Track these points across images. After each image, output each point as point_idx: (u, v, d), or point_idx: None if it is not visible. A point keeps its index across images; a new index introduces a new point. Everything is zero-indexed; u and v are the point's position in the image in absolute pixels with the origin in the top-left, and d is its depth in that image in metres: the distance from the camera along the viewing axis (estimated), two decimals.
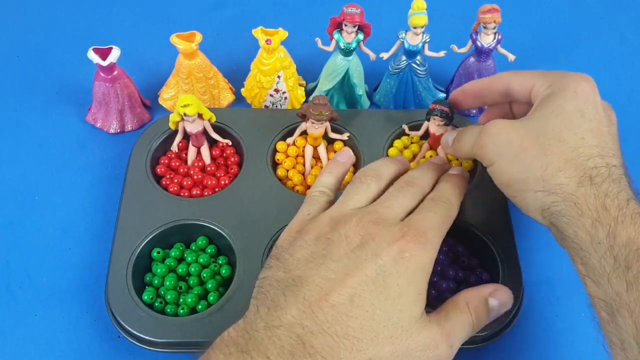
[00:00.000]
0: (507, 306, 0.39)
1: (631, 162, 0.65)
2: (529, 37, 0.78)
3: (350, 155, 0.49)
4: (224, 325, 0.49)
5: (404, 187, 0.42)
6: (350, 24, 0.60)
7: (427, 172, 0.46)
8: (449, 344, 0.34)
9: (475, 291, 0.38)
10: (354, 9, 0.59)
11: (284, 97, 0.67)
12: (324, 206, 0.43)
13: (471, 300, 0.37)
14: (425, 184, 0.44)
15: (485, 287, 0.38)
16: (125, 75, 0.64)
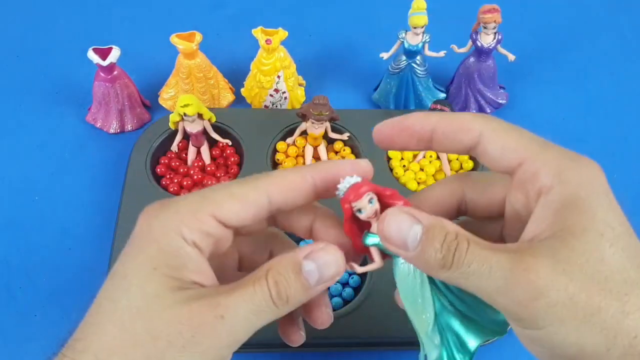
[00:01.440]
0: (334, 268, 0.28)
1: (631, 161, 0.65)
2: (529, 37, 0.78)
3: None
4: None
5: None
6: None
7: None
8: (215, 314, 0.26)
9: (287, 255, 0.28)
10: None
11: (284, 97, 0.67)
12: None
13: (275, 266, 0.28)
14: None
15: (302, 249, 0.28)
16: (125, 75, 0.64)
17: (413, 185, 0.59)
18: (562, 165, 0.28)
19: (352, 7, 0.82)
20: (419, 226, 0.27)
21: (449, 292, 0.30)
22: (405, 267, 0.29)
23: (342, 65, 0.74)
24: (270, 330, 0.49)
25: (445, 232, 0.26)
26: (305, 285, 0.28)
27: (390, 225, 0.27)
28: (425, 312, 0.29)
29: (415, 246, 0.27)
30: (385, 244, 0.28)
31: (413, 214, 0.27)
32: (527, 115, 0.69)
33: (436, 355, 0.29)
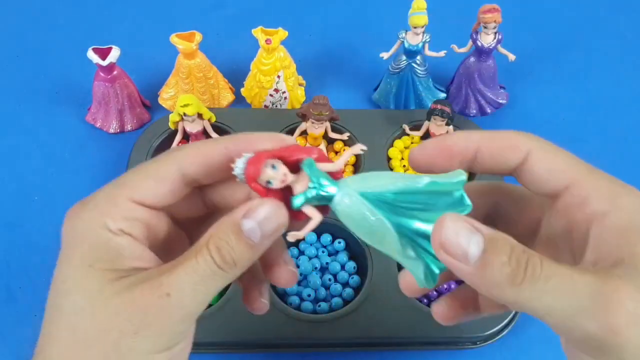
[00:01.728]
0: (274, 221, 0.27)
1: (632, 161, 0.65)
2: (529, 37, 0.78)
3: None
4: (224, 326, 0.49)
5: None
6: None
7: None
8: (159, 294, 0.26)
9: (225, 218, 0.27)
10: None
11: (283, 97, 0.67)
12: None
13: (215, 232, 0.27)
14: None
15: (240, 208, 0.27)
16: (125, 75, 0.64)
17: None
18: (614, 191, 0.27)
19: (353, 7, 0.82)
20: (479, 236, 0.24)
21: (399, 199, 0.27)
22: (344, 204, 0.27)
23: (342, 65, 0.74)
24: (270, 330, 0.49)
25: (512, 244, 0.24)
26: (249, 244, 0.27)
27: (449, 231, 0.24)
28: (386, 233, 0.27)
29: (477, 258, 0.24)
30: (439, 254, 0.25)
31: (472, 222, 0.25)
32: (527, 115, 0.69)
33: (422, 268, 0.28)
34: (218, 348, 0.50)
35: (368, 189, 0.28)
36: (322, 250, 0.55)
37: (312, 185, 0.27)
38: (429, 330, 0.49)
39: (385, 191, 0.27)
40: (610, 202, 0.26)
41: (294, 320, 0.49)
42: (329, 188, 0.27)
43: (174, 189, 0.29)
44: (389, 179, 0.28)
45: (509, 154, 0.28)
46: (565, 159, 0.28)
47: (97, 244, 0.27)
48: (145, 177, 0.29)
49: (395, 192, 0.27)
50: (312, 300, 0.52)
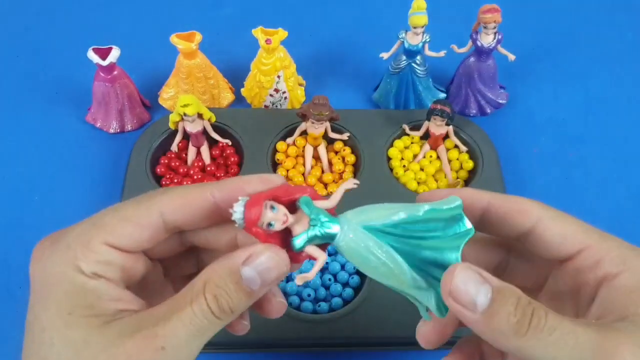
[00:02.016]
0: (275, 272, 0.26)
1: (631, 161, 0.65)
2: (529, 37, 0.78)
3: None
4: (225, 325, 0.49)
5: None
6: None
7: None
8: (155, 347, 0.24)
9: (223, 262, 0.26)
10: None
11: (283, 97, 0.67)
12: None
13: (212, 277, 0.26)
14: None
15: (239, 253, 0.26)
16: (125, 75, 0.64)
17: (413, 185, 0.59)
18: (625, 254, 0.28)
19: (352, 7, 0.82)
20: (488, 286, 0.25)
21: (402, 230, 0.27)
22: (348, 240, 0.27)
23: (342, 65, 0.74)
24: (270, 330, 0.49)
25: (518, 296, 0.25)
26: (248, 292, 0.26)
27: (458, 280, 0.25)
28: (395, 266, 0.27)
29: (485, 308, 0.24)
30: (448, 301, 0.25)
31: (481, 272, 0.25)
32: (527, 115, 0.69)
33: (434, 298, 0.27)
34: (218, 348, 0.50)
35: (370, 222, 0.27)
36: None
37: (314, 223, 0.26)
38: None
39: (389, 222, 0.27)
40: (621, 264, 0.27)
41: (294, 320, 0.49)
42: (331, 225, 0.27)
43: (153, 236, 0.28)
44: (388, 210, 0.27)
45: (519, 219, 0.29)
46: (576, 225, 0.29)
47: (72, 289, 0.25)
48: (122, 222, 0.27)
49: (397, 223, 0.27)
50: (312, 300, 0.52)
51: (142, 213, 0.27)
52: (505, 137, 0.66)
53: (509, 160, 0.64)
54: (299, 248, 0.27)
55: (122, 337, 0.25)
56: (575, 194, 0.62)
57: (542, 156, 0.65)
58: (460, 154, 0.62)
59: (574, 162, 0.65)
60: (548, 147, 0.66)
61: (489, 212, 0.29)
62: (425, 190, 0.60)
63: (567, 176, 0.64)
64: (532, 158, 0.65)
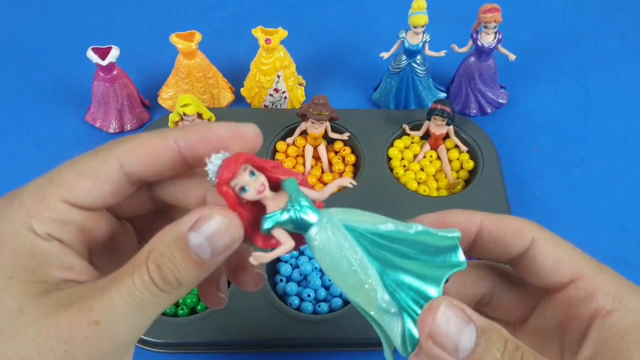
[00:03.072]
0: (227, 236, 0.23)
1: (632, 161, 0.65)
2: (530, 37, 0.78)
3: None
4: (224, 326, 0.49)
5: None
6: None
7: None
8: (88, 321, 0.22)
9: (169, 229, 0.23)
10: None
11: (283, 97, 0.67)
12: None
13: (156, 246, 0.23)
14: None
15: (186, 218, 0.23)
16: (124, 74, 0.64)
17: (413, 185, 0.59)
18: (622, 290, 0.26)
19: (352, 7, 0.82)
20: (472, 326, 0.23)
21: (385, 243, 0.24)
22: (323, 235, 0.24)
23: (342, 65, 0.74)
24: (270, 330, 0.49)
25: (505, 339, 0.23)
26: (198, 261, 0.23)
27: (442, 320, 0.23)
28: (367, 279, 0.24)
29: (468, 353, 0.22)
30: (427, 344, 0.23)
31: (464, 309, 0.23)
32: (528, 114, 0.69)
33: (400, 328, 0.24)
34: (218, 348, 0.50)
35: (353, 223, 0.24)
36: None
37: (290, 206, 0.23)
38: None
39: (373, 230, 0.24)
40: (617, 301, 0.25)
41: (294, 320, 0.49)
42: (309, 212, 0.23)
43: (115, 190, 0.25)
44: (377, 218, 0.25)
45: (513, 240, 0.27)
46: (570, 251, 0.27)
47: (20, 250, 0.23)
48: (80, 175, 0.24)
49: (382, 233, 0.24)
50: (312, 300, 0.52)
51: (100, 165, 0.24)
52: (506, 137, 0.66)
53: (509, 160, 0.64)
54: (266, 228, 0.23)
55: (57, 309, 0.22)
56: (575, 194, 0.62)
57: (542, 156, 0.65)
58: (460, 154, 0.62)
59: (574, 162, 0.65)
60: (548, 147, 0.66)
61: (482, 234, 0.27)
62: (425, 190, 0.60)
63: (567, 176, 0.64)
64: (532, 158, 0.65)
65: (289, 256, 0.55)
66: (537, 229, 0.27)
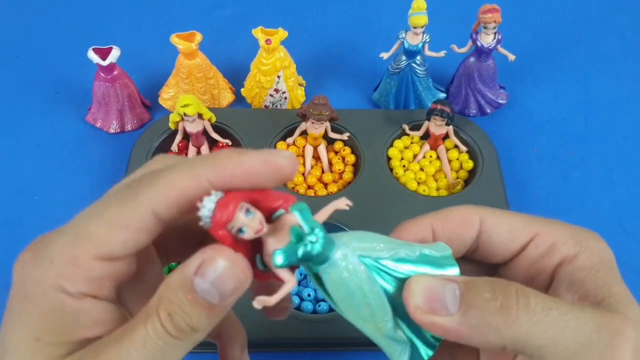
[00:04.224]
0: (231, 281, 0.22)
1: (632, 161, 0.66)
2: (530, 37, 0.78)
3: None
4: None
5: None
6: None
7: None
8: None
9: (175, 274, 0.22)
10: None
11: (284, 97, 0.67)
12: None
13: (165, 293, 0.22)
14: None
15: (191, 261, 0.22)
16: (125, 75, 0.64)
17: (413, 185, 0.59)
18: (578, 234, 0.27)
19: (352, 7, 0.82)
20: (452, 284, 0.23)
21: (391, 269, 0.24)
22: (340, 268, 0.23)
23: (342, 65, 0.74)
24: (270, 330, 0.49)
25: (492, 280, 0.23)
26: (208, 306, 0.22)
27: (418, 289, 0.23)
28: (381, 312, 0.23)
29: (457, 305, 0.22)
30: (417, 316, 0.23)
31: (440, 276, 0.23)
32: (527, 115, 0.69)
33: (408, 354, 0.24)
34: None
35: (366, 252, 0.23)
36: None
37: (309, 239, 0.22)
38: None
39: (387, 257, 0.24)
40: (577, 245, 0.26)
41: (294, 320, 0.49)
42: (327, 246, 0.22)
43: (148, 236, 0.23)
44: (388, 243, 0.24)
45: (463, 230, 0.27)
46: (519, 217, 0.27)
47: (49, 311, 0.22)
48: (112, 228, 0.23)
49: (393, 259, 0.24)
50: (312, 300, 0.52)
51: (132, 214, 0.23)
52: (505, 137, 0.66)
53: (509, 160, 0.64)
54: (280, 265, 0.22)
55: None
56: (575, 194, 0.62)
57: (542, 156, 0.65)
58: (460, 154, 0.62)
59: (574, 162, 0.65)
60: (548, 147, 0.66)
61: (436, 235, 0.27)
62: (424, 190, 0.60)
63: (567, 176, 0.64)
64: (532, 158, 0.65)
65: None
66: (481, 209, 0.27)
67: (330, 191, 0.59)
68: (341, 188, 0.59)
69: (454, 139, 0.61)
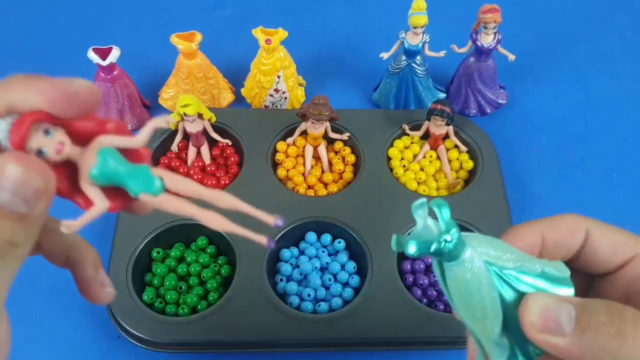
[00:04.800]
0: (32, 183, 0.21)
1: (632, 161, 0.66)
2: (530, 37, 0.78)
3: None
4: (225, 325, 0.49)
5: None
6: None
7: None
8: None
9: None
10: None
11: (284, 97, 0.67)
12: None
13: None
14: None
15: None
16: (125, 75, 0.64)
17: (413, 185, 0.59)
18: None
19: (352, 7, 0.82)
20: (569, 305, 0.23)
21: (513, 279, 0.25)
22: (465, 269, 0.24)
23: (342, 65, 0.74)
24: (270, 330, 0.49)
25: (607, 303, 0.23)
26: (18, 217, 0.21)
27: (535, 306, 0.23)
28: (492, 317, 0.24)
29: (572, 326, 0.22)
30: (532, 334, 0.23)
31: (557, 296, 0.24)
32: (527, 115, 0.69)
33: (506, 356, 0.25)
34: (218, 348, 0.50)
35: (493, 260, 0.24)
36: (322, 250, 0.55)
37: (444, 237, 0.23)
38: (428, 330, 0.49)
39: (510, 268, 0.24)
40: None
41: (294, 320, 0.49)
42: (460, 247, 0.23)
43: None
44: (513, 254, 0.25)
45: (571, 239, 0.28)
46: (625, 234, 0.28)
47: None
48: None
49: (516, 271, 0.24)
50: (312, 300, 0.52)
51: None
52: (505, 137, 0.66)
53: (509, 160, 0.64)
54: (412, 254, 0.23)
55: None
56: (575, 193, 0.62)
57: (542, 156, 0.65)
58: (460, 154, 0.62)
59: (574, 162, 0.65)
60: (548, 147, 0.66)
61: (546, 243, 0.28)
62: (424, 190, 0.60)
63: (566, 176, 0.64)
64: (532, 158, 0.65)
65: (289, 256, 0.55)
66: (588, 220, 0.28)
67: (330, 191, 0.59)
68: (341, 188, 0.59)
69: (454, 139, 0.61)
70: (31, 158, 0.21)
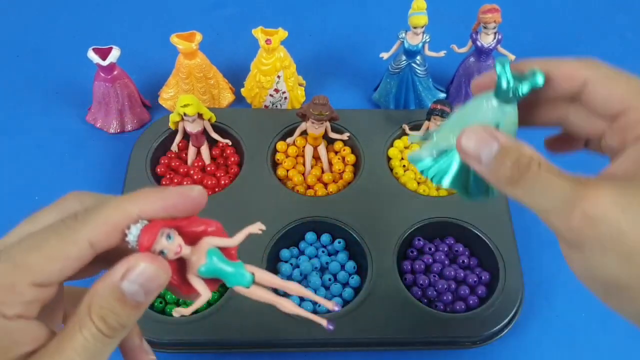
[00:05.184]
0: (156, 280, 0.26)
1: None
2: (530, 37, 0.78)
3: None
4: (225, 325, 0.50)
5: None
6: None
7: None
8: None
9: (102, 283, 0.26)
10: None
11: (284, 97, 0.67)
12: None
13: (95, 300, 0.25)
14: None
15: (115, 270, 0.26)
16: (125, 75, 0.64)
17: (413, 185, 0.59)
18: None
19: (352, 7, 0.82)
20: (496, 144, 0.28)
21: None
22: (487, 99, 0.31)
23: (342, 65, 0.74)
24: (270, 330, 0.49)
25: (519, 154, 0.28)
26: (134, 306, 0.26)
27: (470, 139, 0.29)
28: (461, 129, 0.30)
29: (489, 161, 0.28)
30: (462, 155, 0.30)
31: (493, 132, 0.29)
32: None
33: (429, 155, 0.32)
34: (218, 348, 0.50)
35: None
36: (322, 250, 0.55)
37: (515, 84, 0.30)
38: (428, 330, 0.49)
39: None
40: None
41: (294, 320, 0.49)
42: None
43: (81, 264, 0.27)
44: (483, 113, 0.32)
45: (567, 85, 0.31)
46: (623, 85, 0.30)
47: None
48: (50, 260, 0.26)
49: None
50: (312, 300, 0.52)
51: (70, 248, 0.26)
52: None
53: None
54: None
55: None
56: None
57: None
58: None
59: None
60: None
61: (548, 79, 0.31)
62: (424, 189, 0.60)
63: None
64: None
65: (289, 256, 0.55)
66: (590, 68, 0.31)
67: (330, 191, 0.59)
68: (341, 188, 0.59)
69: None
70: (159, 258, 0.26)
